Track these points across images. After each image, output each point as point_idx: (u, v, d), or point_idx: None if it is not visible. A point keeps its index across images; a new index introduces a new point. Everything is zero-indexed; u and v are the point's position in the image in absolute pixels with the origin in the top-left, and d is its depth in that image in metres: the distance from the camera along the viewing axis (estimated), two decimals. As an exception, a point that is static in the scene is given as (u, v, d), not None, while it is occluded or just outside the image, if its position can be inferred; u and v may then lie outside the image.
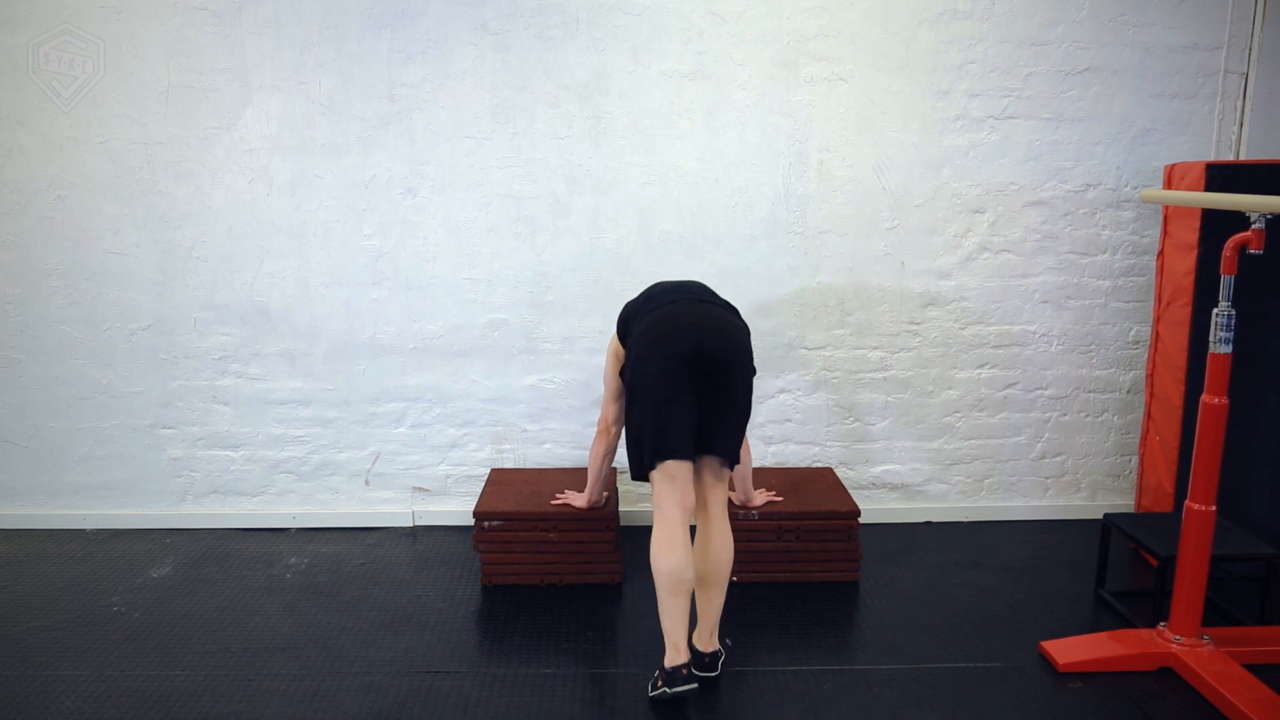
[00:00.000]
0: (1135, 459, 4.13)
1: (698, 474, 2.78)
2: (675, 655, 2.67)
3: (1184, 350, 3.56)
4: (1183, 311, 3.56)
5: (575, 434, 4.03)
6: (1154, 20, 3.81)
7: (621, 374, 3.02)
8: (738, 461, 2.83)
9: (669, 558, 2.65)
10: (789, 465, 4.08)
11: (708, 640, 2.83)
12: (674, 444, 2.66)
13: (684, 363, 2.65)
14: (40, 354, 3.91)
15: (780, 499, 3.56)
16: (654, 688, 2.72)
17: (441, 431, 4.03)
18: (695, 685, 2.67)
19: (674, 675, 2.65)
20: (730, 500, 3.49)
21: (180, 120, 3.74)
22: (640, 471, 2.75)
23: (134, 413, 3.96)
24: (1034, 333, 4.04)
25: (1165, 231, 3.69)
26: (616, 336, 3.08)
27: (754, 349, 2.90)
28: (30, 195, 3.78)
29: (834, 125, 3.83)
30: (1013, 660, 2.99)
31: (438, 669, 2.93)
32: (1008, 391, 4.09)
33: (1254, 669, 2.81)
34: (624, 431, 2.83)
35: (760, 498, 3.53)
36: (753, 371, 2.81)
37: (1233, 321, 2.77)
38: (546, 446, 4.05)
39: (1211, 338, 2.80)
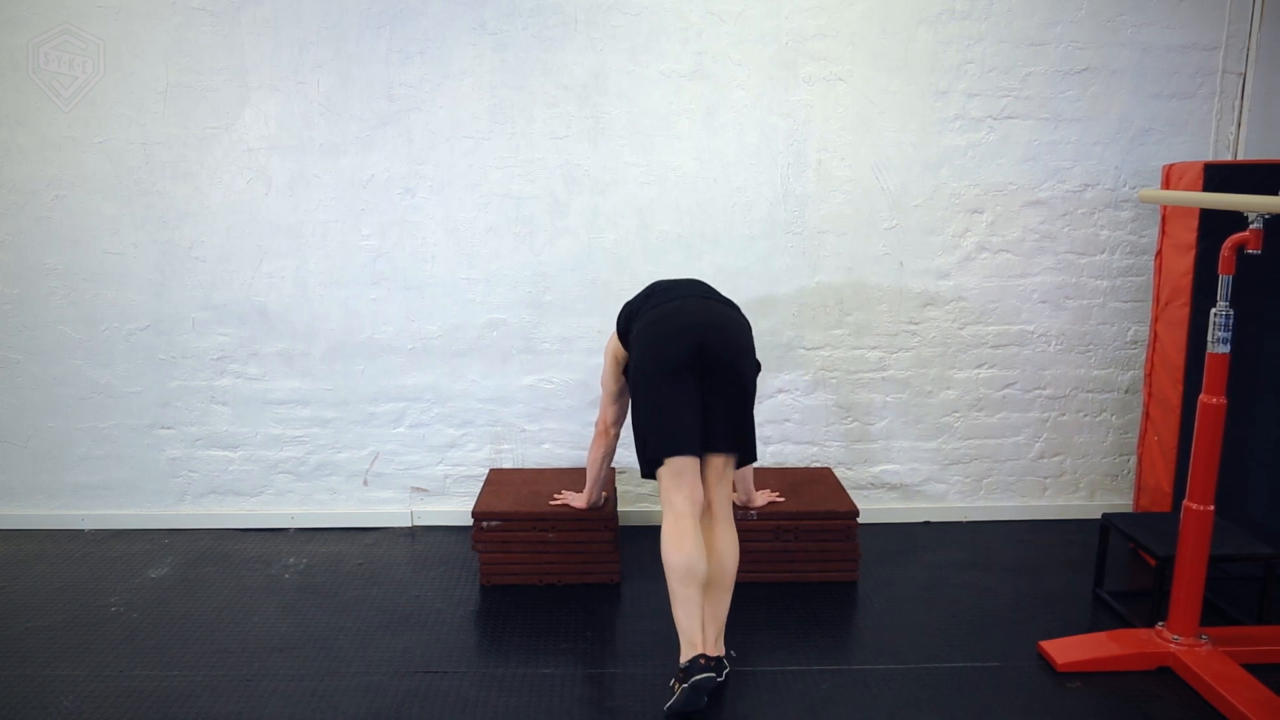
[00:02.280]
0: (1133, 459, 4.14)
1: (702, 473, 2.78)
2: (690, 649, 2.62)
3: (1182, 350, 3.56)
4: (1181, 311, 3.56)
5: (574, 434, 4.03)
6: (1152, 20, 3.81)
7: (625, 373, 3.02)
8: (754, 458, 2.84)
9: (680, 551, 2.63)
10: (788, 465, 4.08)
11: (713, 645, 2.76)
12: (680, 439, 2.68)
13: (686, 359, 2.68)
14: (38, 354, 3.91)
15: (782, 499, 3.56)
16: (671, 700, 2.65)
17: (440, 431, 4.03)
18: (713, 674, 2.60)
19: (691, 667, 2.58)
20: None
21: (179, 120, 3.74)
22: (647, 468, 2.76)
23: (132, 413, 3.96)
24: (1032, 333, 4.04)
25: (1163, 231, 3.70)
26: (616, 336, 3.08)
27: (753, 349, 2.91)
28: (29, 195, 3.78)
29: (832, 125, 3.83)
30: (1011, 660, 2.99)
31: (436, 669, 2.93)
32: (1006, 391, 4.09)
33: (1252, 668, 2.81)
34: (631, 429, 2.85)
35: (761, 498, 3.53)
36: (757, 367, 2.83)
37: (1230, 321, 2.77)
38: (545, 446, 4.05)
39: (1209, 338, 2.80)
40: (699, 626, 2.65)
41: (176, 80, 3.71)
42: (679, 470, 2.70)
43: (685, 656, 2.63)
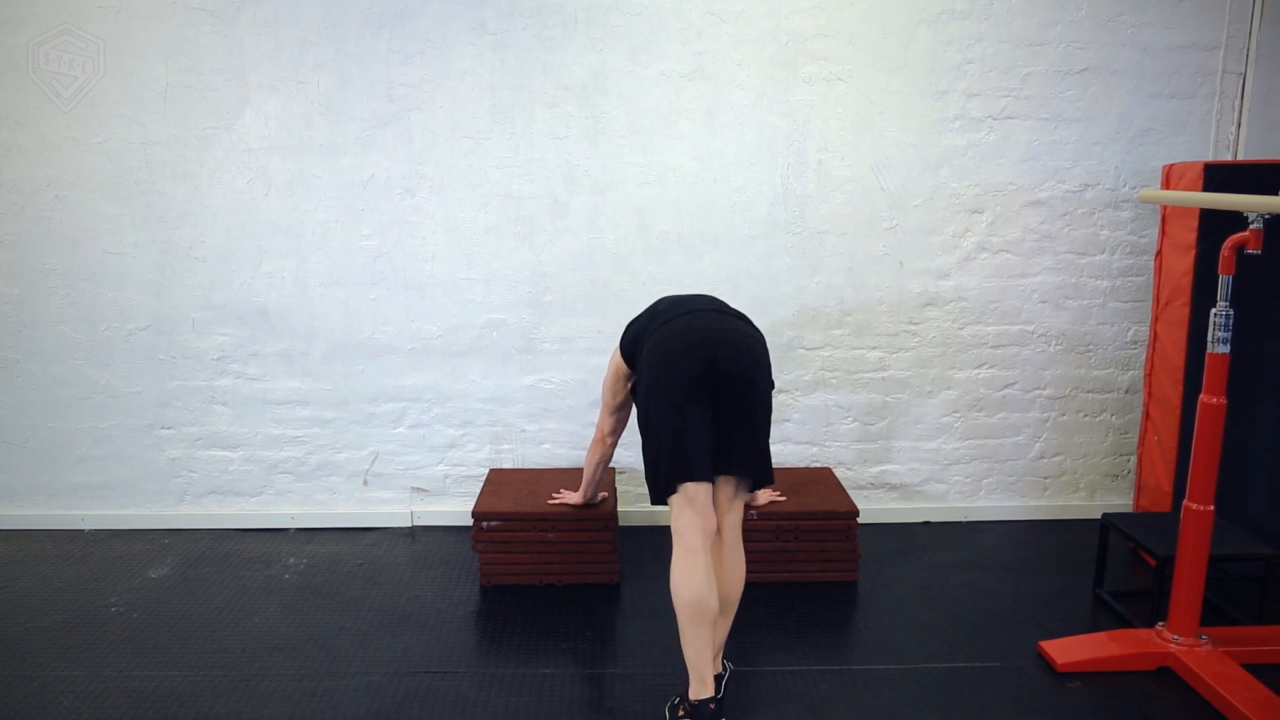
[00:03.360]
0: (1133, 459, 4.14)
1: (713, 495, 2.63)
2: (701, 688, 2.51)
3: (1182, 350, 3.56)
4: (1181, 311, 3.56)
5: (574, 434, 4.03)
6: (1152, 20, 3.81)
7: (633, 392, 2.90)
8: (770, 481, 2.70)
9: (690, 586, 2.51)
10: (788, 465, 4.08)
11: (715, 661, 2.70)
12: (692, 465, 2.53)
13: (699, 377, 2.53)
14: (38, 354, 3.91)
15: (784, 498, 3.57)
16: (673, 715, 2.62)
17: (440, 432, 4.03)
18: None
19: (701, 711, 2.51)
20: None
21: (179, 120, 3.74)
22: (658, 495, 2.61)
23: (132, 413, 3.96)
24: (1032, 333, 4.04)
25: (1163, 231, 3.70)
26: (620, 353, 2.98)
27: None
28: (29, 195, 3.78)
29: (832, 125, 3.83)
30: (1011, 660, 2.99)
31: (436, 669, 2.93)
32: (1006, 391, 4.09)
33: (1252, 668, 2.81)
34: (640, 453, 2.69)
35: (763, 497, 3.53)
36: (771, 385, 2.67)
37: (1230, 321, 2.77)
38: (545, 446, 4.05)
39: (1209, 338, 2.80)
40: (709, 663, 2.55)
41: (176, 80, 3.71)
42: (691, 498, 2.54)
43: (695, 693, 2.53)
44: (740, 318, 2.77)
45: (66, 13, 3.65)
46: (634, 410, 2.82)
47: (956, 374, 4.06)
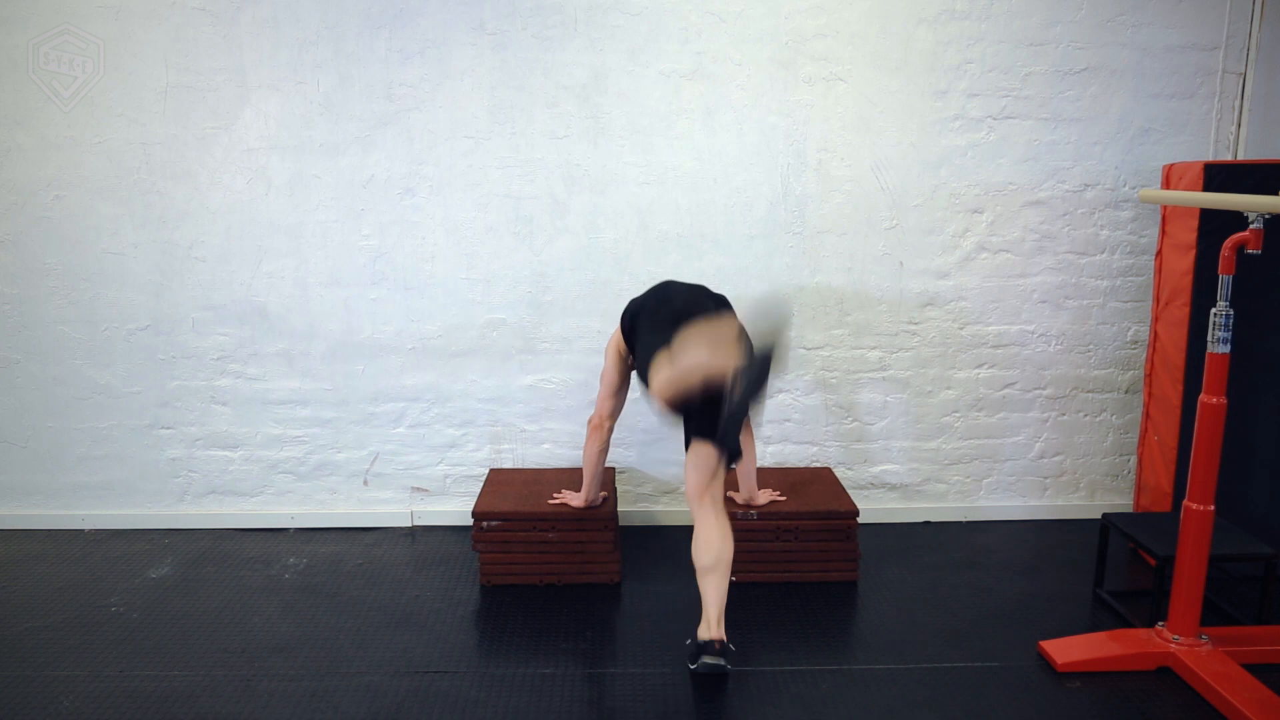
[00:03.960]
0: (1134, 459, 4.14)
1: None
2: (706, 629, 2.83)
3: (1182, 350, 3.56)
4: (1181, 311, 3.56)
5: (574, 434, 4.02)
6: (1152, 20, 3.81)
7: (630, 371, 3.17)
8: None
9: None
10: (788, 465, 4.08)
11: (715, 627, 2.83)
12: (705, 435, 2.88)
13: (699, 392, 2.78)
14: (38, 354, 3.91)
15: (784, 498, 3.57)
16: (692, 659, 2.87)
17: (440, 431, 4.02)
18: (721, 662, 2.79)
19: (706, 646, 2.80)
20: (733, 499, 3.49)
21: (178, 120, 3.74)
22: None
23: (132, 413, 3.96)
24: (1032, 333, 4.04)
25: (1163, 231, 3.70)
26: (620, 332, 3.13)
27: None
28: (28, 195, 3.78)
29: (832, 125, 3.83)
30: (1011, 660, 2.99)
31: (436, 669, 2.93)
32: (1006, 391, 4.09)
33: (1252, 668, 2.81)
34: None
35: (764, 497, 3.53)
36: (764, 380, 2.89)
37: (1231, 321, 2.77)
38: (545, 446, 4.05)
39: (1209, 337, 2.80)
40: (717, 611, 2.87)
41: (176, 80, 3.71)
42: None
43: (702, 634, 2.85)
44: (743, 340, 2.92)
45: (66, 13, 3.65)
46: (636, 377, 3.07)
47: (956, 374, 4.06)
